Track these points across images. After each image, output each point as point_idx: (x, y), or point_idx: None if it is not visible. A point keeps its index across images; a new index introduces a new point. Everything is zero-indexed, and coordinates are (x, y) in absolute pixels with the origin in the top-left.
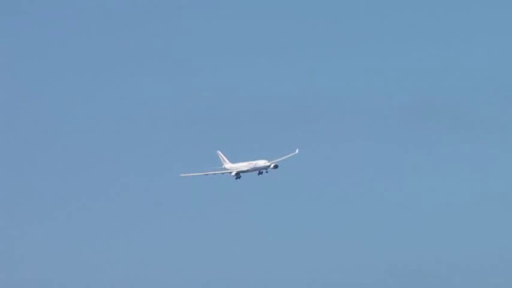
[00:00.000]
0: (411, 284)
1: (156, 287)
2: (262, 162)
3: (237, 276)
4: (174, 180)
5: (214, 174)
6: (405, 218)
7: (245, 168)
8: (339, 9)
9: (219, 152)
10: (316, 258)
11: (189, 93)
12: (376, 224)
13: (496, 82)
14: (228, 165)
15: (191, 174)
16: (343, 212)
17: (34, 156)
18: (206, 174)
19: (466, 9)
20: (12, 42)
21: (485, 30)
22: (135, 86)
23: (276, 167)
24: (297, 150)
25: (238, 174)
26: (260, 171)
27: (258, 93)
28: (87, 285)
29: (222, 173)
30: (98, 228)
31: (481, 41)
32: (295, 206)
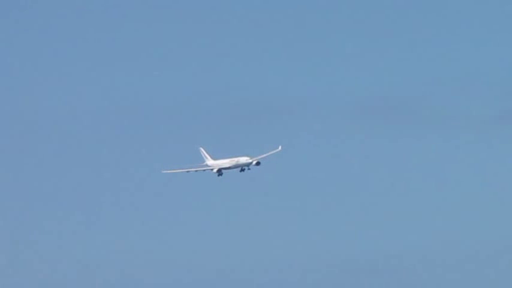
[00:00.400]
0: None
1: (136, 283)
2: (244, 159)
3: (218, 273)
4: (156, 177)
5: (196, 171)
6: (386, 213)
7: (227, 165)
8: (311, 9)
9: (201, 149)
10: (297, 255)
11: (171, 89)
12: (359, 219)
13: (452, 79)
14: (210, 161)
15: (173, 170)
16: (325, 209)
17: (11, 156)
18: (188, 171)
19: (422, 7)
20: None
21: (441, 28)
22: (116, 82)
23: (258, 163)
24: (279, 147)
25: (220, 171)
26: (242, 168)
27: (241, 90)
28: (68, 283)
29: (204, 170)
30: (78, 226)
31: (437, 39)
32: (277, 203)
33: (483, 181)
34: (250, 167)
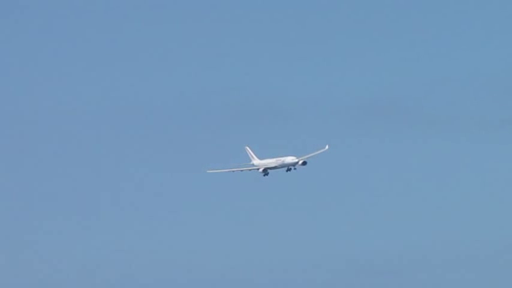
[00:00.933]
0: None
1: (182, 282)
2: (290, 159)
3: (263, 273)
4: (201, 176)
5: (242, 170)
6: (386, 213)
7: (273, 165)
8: (312, 9)
9: (247, 148)
10: (297, 255)
11: (218, 88)
12: (359, 219)
13: (452, 79)
14: (255, 161)
15: (218, 170)
16: (324, 209)
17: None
18: (233, 171)
19: (422, 7)
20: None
21: (441, 28)
22: (116, 82)
23: (304, 163)
24: (326, 146)
25: (265, 171)
26: (288, 167)
27: (287, 89)
28: (68, 283)
29: (250, 170)
30: (78, 226)
31: (437, 39)
32: (323, 203)
33: (483, 181)
34: (297, 166)
